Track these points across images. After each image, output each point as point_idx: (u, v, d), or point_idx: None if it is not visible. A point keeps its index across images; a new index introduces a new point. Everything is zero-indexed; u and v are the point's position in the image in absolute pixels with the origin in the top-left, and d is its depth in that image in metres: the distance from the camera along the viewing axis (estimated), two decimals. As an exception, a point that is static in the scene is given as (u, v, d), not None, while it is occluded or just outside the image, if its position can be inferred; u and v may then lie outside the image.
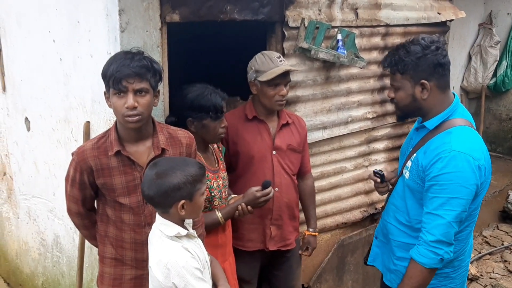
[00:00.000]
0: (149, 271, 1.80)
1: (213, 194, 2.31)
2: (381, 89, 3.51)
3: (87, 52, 2.40)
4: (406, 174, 2.11)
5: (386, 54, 2.10)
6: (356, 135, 3.46)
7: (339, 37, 3.00)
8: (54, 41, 2.64)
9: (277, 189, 2.56)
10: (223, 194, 2.39)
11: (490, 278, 4.11)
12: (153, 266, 1.75)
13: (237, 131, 2.54)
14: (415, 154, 2.08)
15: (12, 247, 3.70)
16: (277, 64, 2.41)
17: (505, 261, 4.37)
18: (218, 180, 2.34)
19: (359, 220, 3.60)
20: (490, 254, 4.48)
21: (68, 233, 2.92)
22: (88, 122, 2.49)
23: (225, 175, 2.43)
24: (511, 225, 4.93)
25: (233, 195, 2.48)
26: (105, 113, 2.37)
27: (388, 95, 2.14)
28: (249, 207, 2.30)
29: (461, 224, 1.97)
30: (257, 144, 2.53)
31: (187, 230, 1.80)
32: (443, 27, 3.82)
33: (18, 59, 3.08)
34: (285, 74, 2.44)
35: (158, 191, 1.70)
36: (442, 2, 3.82)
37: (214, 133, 2.28)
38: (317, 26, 2.88)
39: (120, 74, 1.78)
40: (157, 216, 1.81)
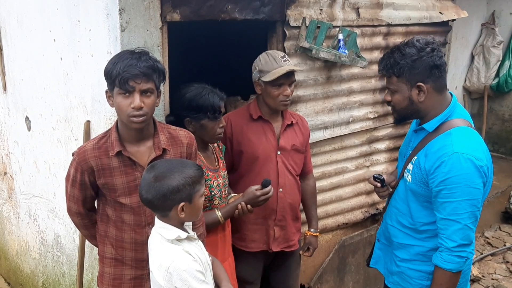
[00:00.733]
0: (150, 276, 1.79)
1: (213, 193, 2.30)
2: (383, 89, 3.49)
3: (87, 52, 2.40)
4: (408, 177, 2.09)
5: (382, 57, 2.08)
6: (358, 135, 3.45)
7: (340, 36, 2.99)
8: (54, 40, 2.64)
9: (281, 189, 2.55)
10: (223, 193, 2.38)
11: (492, 279, 4.09)
12: (154, 270, 1.73)
13: (241, 130, 2.52)
14: (415, 157, 2.06)
15: (13, 246, 3.70)
16: (280, 64, 2.39)
17: (507, 262, 4.36)
18: (218, 179, 2.34)
19: (360, 221, 3.59)
20: (492, 255, 4.46)
21: (69, 233, 2.92)
22: (89, 121, 2.49)
23: (225, 174, 2.43)
24: (513, 226, 4.92)
25: (233, 194, 2.47)
26: (105, 112, 2.36)
27: (385, 98, 2.13)
28: (249, 206, 2.29)
29: (476, 221, 1.96)
30: (262, 144, 2.51)
31: (187, 232, 1.79)
32: (445, 26, 3.81)
33: (18, 59, 3.08)
34: (289, 74, 2.41)
35: (157, 194, 1.68)
36: (445, 2, 3.81)
37: (212, 133, 2.27)
38: (318, 25, 2.88)
39: (128, 74, 1.76)
40: (156, 220, 1.79)
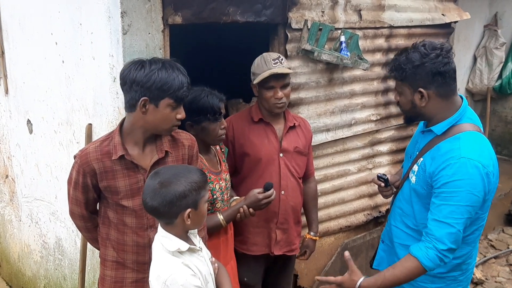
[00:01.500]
0: (149, 284, 1.77)
1: (215, 196, 2.29)
2: (385, 91, 3.48)
3: (89, 55, 2.40)
4: (413, 178, 2.08)
5: (393, 57, 2.09)
6: (360, 138, 3.44)
7: (342, 38, 2.99)
8: (56, 43, 2.64)
9: (283, 192, 2.54)
10: (225, 196, 2.37)
11: (495, 282, 4.07)
12: (152, 281, 1.71)
13: (243, 133, 2.52)
14: (421, 159, 2.05)
15: (14, 249, 3.70)
16: (270, 66, 2.37)
17: (511, 264, 4.33)
18: (221, 182, 2.33)
19: (362, 223, 3.58)
20: (495, 257, 4.44)
21: (70, 236, 2.91)
22: (90, 124, 2.48)
23: (228, 176, 2.42)
24: (516, 228, 4.90)
25: (235, 197, 2.46)
26: (107, 115, 2.36)
27: (394, 98, 2.15)
28: (251, 210, 2.28)
29: (467, 228, 1.96)
30: (264, 146, 2.51)
31: (192, 241, 1.76)
32: (447, 28, 3.80)
33: (20, 62, 3.08)
34: (279, 77, 2.38)
35: (163, 201, 1.63)
36: (447, 4, 3.80)
37: (214, 134, 2.26)
38: (320, 27, 2.87)
39: (188, 90, 1.86)
40: (159, 228, 1.75)
